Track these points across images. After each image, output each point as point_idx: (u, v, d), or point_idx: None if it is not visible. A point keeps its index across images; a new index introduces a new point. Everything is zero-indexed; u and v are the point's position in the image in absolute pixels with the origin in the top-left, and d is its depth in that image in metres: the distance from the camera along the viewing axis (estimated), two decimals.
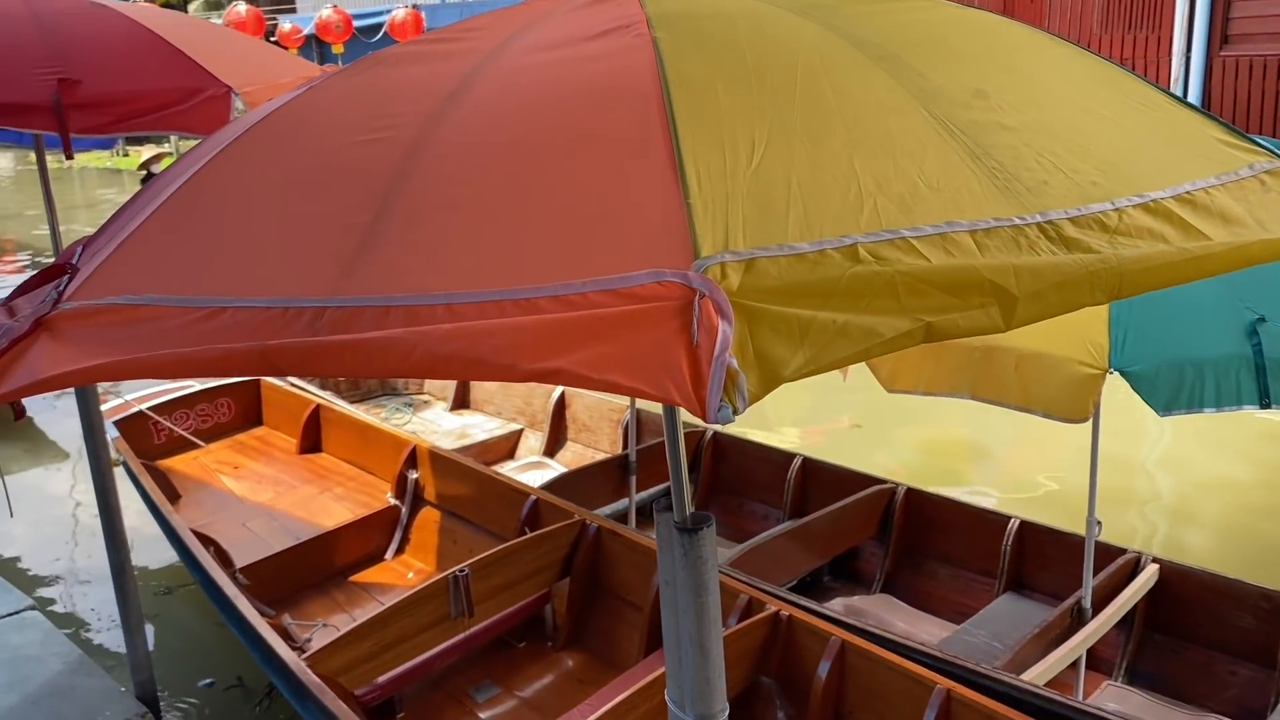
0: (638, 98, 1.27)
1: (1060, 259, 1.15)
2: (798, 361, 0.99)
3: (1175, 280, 1.23)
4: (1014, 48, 1.61)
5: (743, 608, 3.55)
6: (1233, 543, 5.46)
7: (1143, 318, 2.87)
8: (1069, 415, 2.87)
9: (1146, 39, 11.13)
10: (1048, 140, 1.33)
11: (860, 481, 4.76)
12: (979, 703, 2.92)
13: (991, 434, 6.85)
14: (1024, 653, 3.45)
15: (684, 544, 1.86)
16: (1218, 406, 2.84)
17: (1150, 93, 1.58)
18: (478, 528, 4.71)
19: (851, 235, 1.11)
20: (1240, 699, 3.75)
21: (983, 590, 4.37)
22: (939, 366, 3.22)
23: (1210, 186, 1.33)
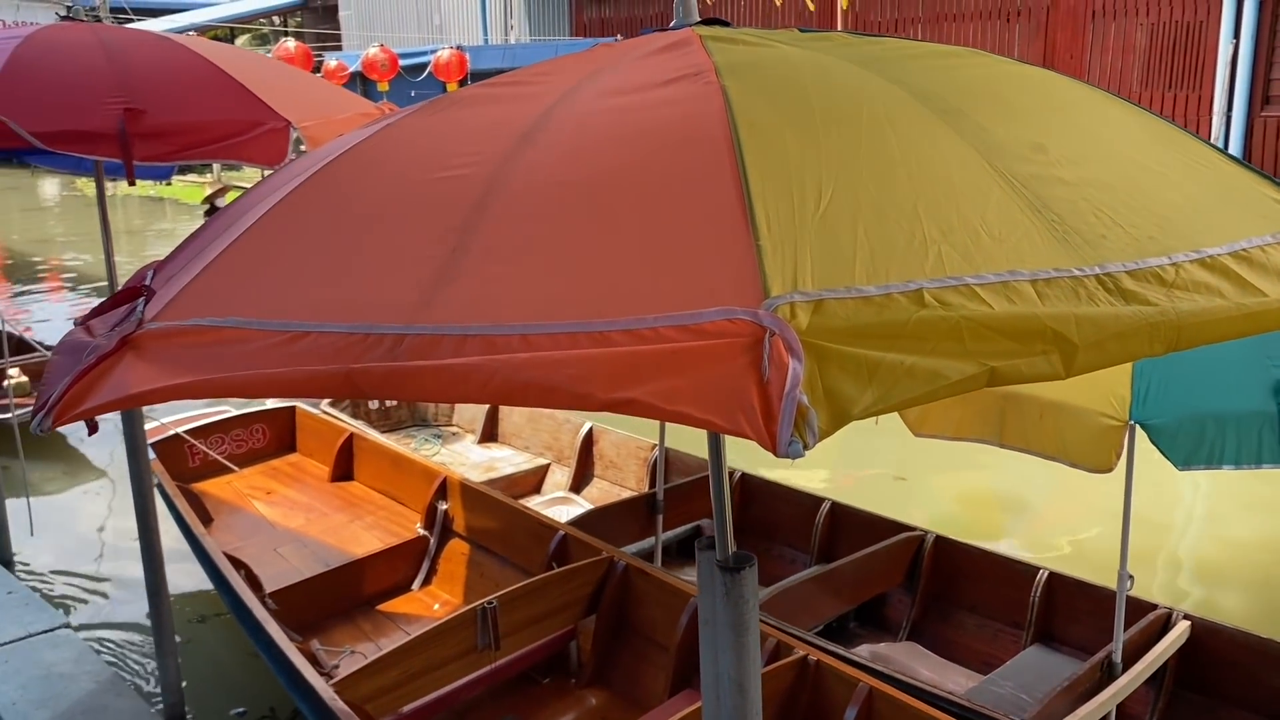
0: (708, 142, 1.32)
1: (1120, 310, 1.18)
2: (866, 400, 1.02)
3: (1231, 335, 1.25)
4: (1071, 104, 1.65)
5: (771, 651, 3.54)
6: (1267, 602, 5.39)
7: (1167, 371, 2.89)
8: (1093, 465, 2.89)
9: (1187, 97, 11.18)
10: (1105, 195, 1.37)
11: (889, 528, 4.75)
12: None
13: (1028, 485, 6.81)
14: (1052, 706, 3.42)
15: (726, 583, 1.88)
16: (1237, 464, 2.84)
17: (1205, 150, 1.62)
18: (505, 561, 4.72)
19: (917, 280, 1.14)
20: None
21: (1010, 641, 4.34)
22: (967, 412, 3.25)
23: (1266, 245, 1.36)
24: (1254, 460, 2.85)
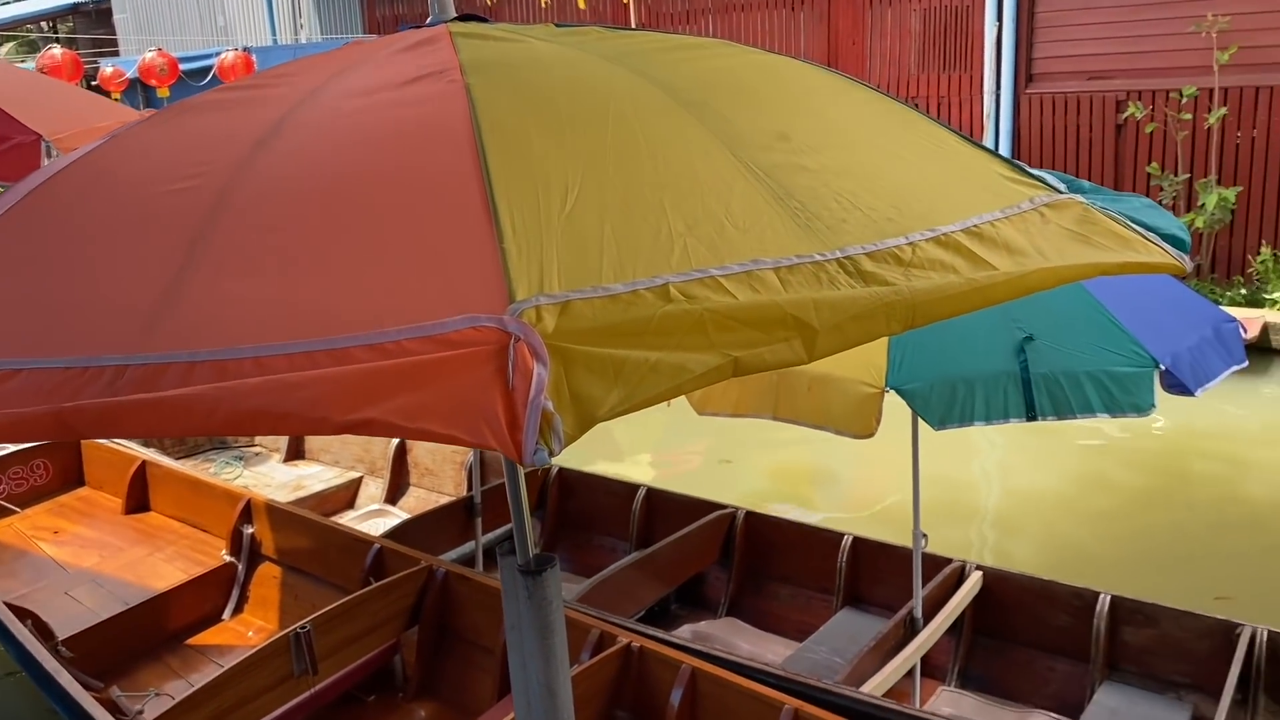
0: (450, 144, 1.28)
1: (858, 292, 1.22)
2: (612, 400, 1.01)
3: (965, 309, 1.32)
4: (813, 92, 1.70)
5: (594, 643, 3.55)
6: (1051, 547, 5.81)
7: (919, 338, 3.04)
8: (856, 431, 3.03)
9: (960, 78, 11.87)
10: (846, 180, 1.41)
11: (702, 508, 4.85)
12: (824, 719, 3.01)
13: (837, 457, 7.11)
14: (863, 665, 3.57)
15: (528, 586, 1.86)
16: (987, 420, 3.04)
17: (940, 132, 1.69)
18: (320, 581, 4.55)
19: (663, 275, 1.14)
20: (1060, 693, 3.99)
21: (822, 607, 4.51)
22: (744, 390, 3.35)
23: (996, 220, 1.44)
24: (1001, 415, 3.05)
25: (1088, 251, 1.43)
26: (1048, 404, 3.06)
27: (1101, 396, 3.04)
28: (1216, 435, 7.43)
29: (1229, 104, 9.93)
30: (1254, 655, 3.64)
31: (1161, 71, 10.38)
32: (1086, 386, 3.04)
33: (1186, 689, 3.83)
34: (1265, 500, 6.30)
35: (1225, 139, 10.06)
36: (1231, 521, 6.05)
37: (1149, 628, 3.90)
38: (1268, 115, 9.85)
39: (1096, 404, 3.04)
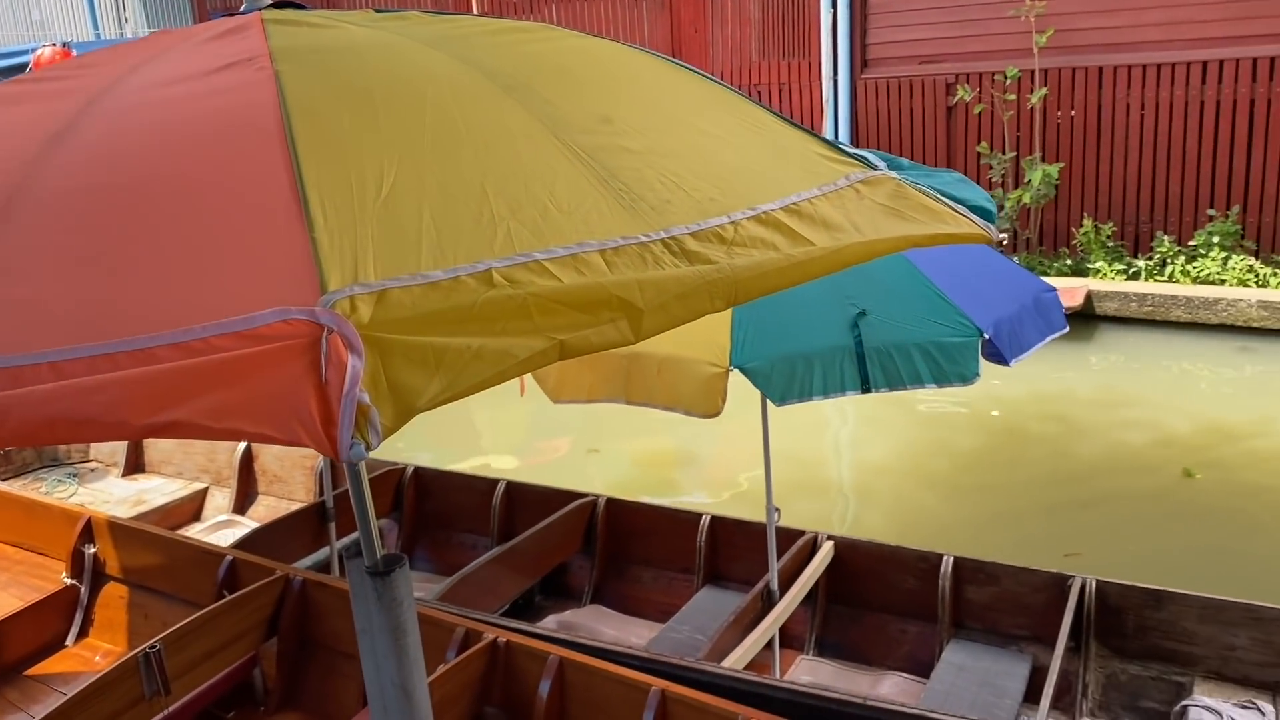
0: (258, 133, 1.23)
1: (682, 271, 1.24)
2: (433, 390, 1.00)
3: (786, 284, 1.35)
4: (635, 75, 1.72)
5: (460, 640, 3.51)
6: (898, 514, 6.06)
7: (760, 318, 3.14)
8: (704, 411, 3.09)
9: (799, 64, 12.18)
10: (670, 161, 1.43)
11: (563, 498, 4.85)
12: (690, 697, 3.06)
13: (698, 440, 7.22)
14: (723, 641, 3.64)
15: (377, 588, 1.83)
16: (825, 394, 3.15)
17: (761, 114, 1.73)
18: (171, 598, 4.35)
19: (486, 260, 1.13)
20: (912, 654, 4.17)
21: (684, 587, 4.58)
22: (596, 375, 3.37)
23: (814, 197, 1.48)
24: (838, 389, 3.17)
25: (900, 225, 1.49)
26: (880, 377, 3.19)
27: (930, 368, 3.17)
28: (1050, 399, 7.88)
29: (1049, 84, 10.51)
30: (1084, 604, 3.88)
31: (986, 54, 10.91)
32: (916, 358, 3.17)
33: (1026, 640, 4.05)
34: (1096, 459, 6.73)
35: (1047, 118, 10.65)
36: (1065, 479, 6.43)
37: (990, 585, 4.11)
38: (1084, 94, 10.48)
39: (925, 375, 3.18)
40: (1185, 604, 3.80)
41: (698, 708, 3.03)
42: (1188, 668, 3.80)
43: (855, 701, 3.24)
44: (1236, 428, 7.04)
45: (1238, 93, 9.78)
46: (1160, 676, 3.83)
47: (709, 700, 3.03)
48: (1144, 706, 3.78)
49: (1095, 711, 3.82)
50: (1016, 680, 3.87)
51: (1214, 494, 6.04)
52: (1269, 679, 3.68)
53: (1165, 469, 6.41)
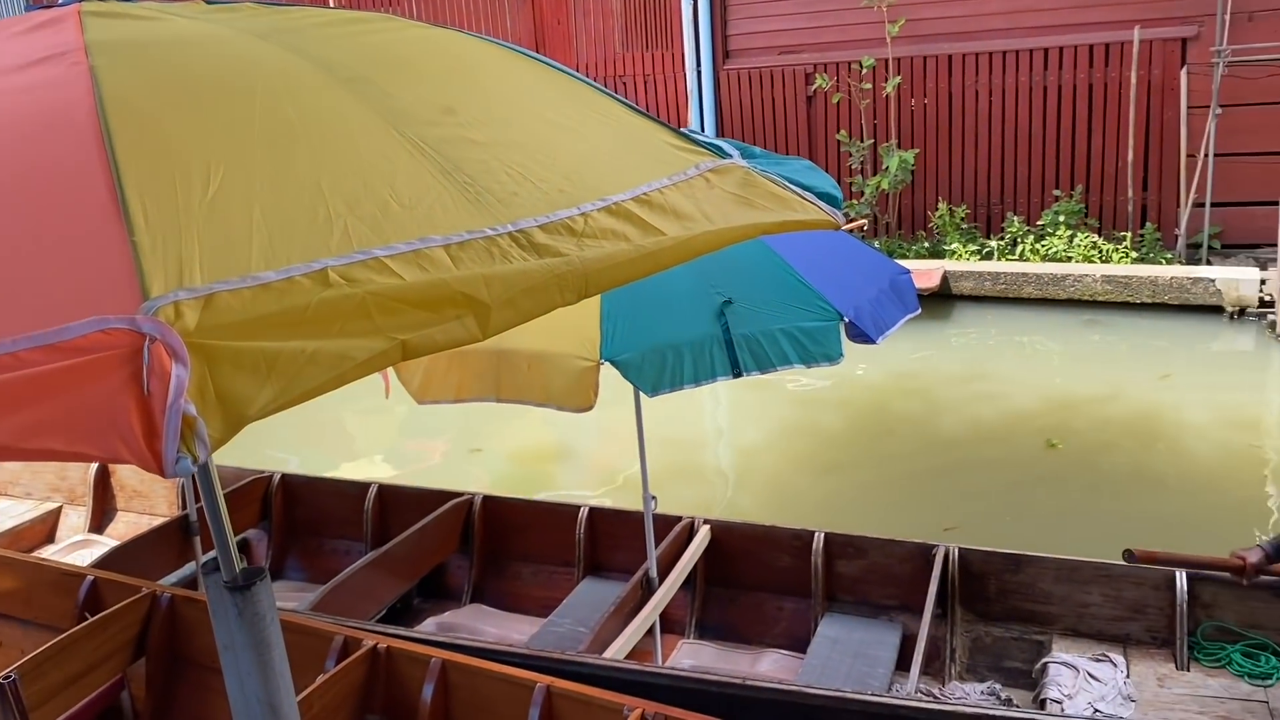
0: (72, 131, 1.16)
1: (530, 265, 1.22)
2: (265, 397, 0.96)
3: (637, 275, 1.35)
4: (479, 65, 1.68)
5: (339, 649, 3.42)
6: (772, 495, 6.18)
7: (629, 310, 3.16)
8: (577, 405, 3.09)
9: (664, 55, 12.25)
10: (516, 153, 1.41)
11: (438, 498, 4.77)
12: (574, 691, 3.04)
13: (579, 433, 7.21)
14: (605, 631, 3.65)
15: (238, 604, 1.77)
16: (696, 382, 3.21)
17: (610, 104, 1.73)
18: (28, 624, 4.10)
19: (322, 259, 1.09)
20: (789, 630, 4.26)
21: (565, 580, 4.58)
22: (465, 374, 3.33)
23: (664, 187, 1.48)
24: (709, 376, 3.23)
25: (749, 213, 1.51)
26: (750, 361, 3.25)
27: (796, 350, 3.25)
28: (912, 375, 8.17)
29: (903, 73, 10.86)
30: (948, 572, 4.03)
31: (843, 44, 11.20)
32: (783, 342, 3.25)
33: (897, 610, 4.19)
34: (960, 432, 7.00)
35: (902, 105, 11.00)
36: (932, 453, 6.67)
37: (859, 558, 4.23)
38: (935, 82, 10.86)
39: (793, 356, 3.26)
40: (1042, 566, 3.99)
41: (582, 701, 3.02)
42: (1046, 626, 3.99)
43: (735, 682, 3.29)
44: (1088, 397, 7.43)
45: (1077, 78, 10.29)
46: (1022, 637, 4.02)
47: (593, 693, 3.03)
48: (1008, 666, 3.96)
49: (963, 674, 3.98)
50: (888, 649, 4.00)
51: (1074, 461, 6.36)
52: (1120, 632, 3.90)
53: (1028, 439, 6.72)
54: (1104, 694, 3.60)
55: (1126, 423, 6.86)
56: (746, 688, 3.27)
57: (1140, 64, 9.87)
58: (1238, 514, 5.43)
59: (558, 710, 3.05)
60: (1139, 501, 5.74)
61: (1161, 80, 9.94)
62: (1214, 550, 3.72)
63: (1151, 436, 6.64)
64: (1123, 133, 10.13)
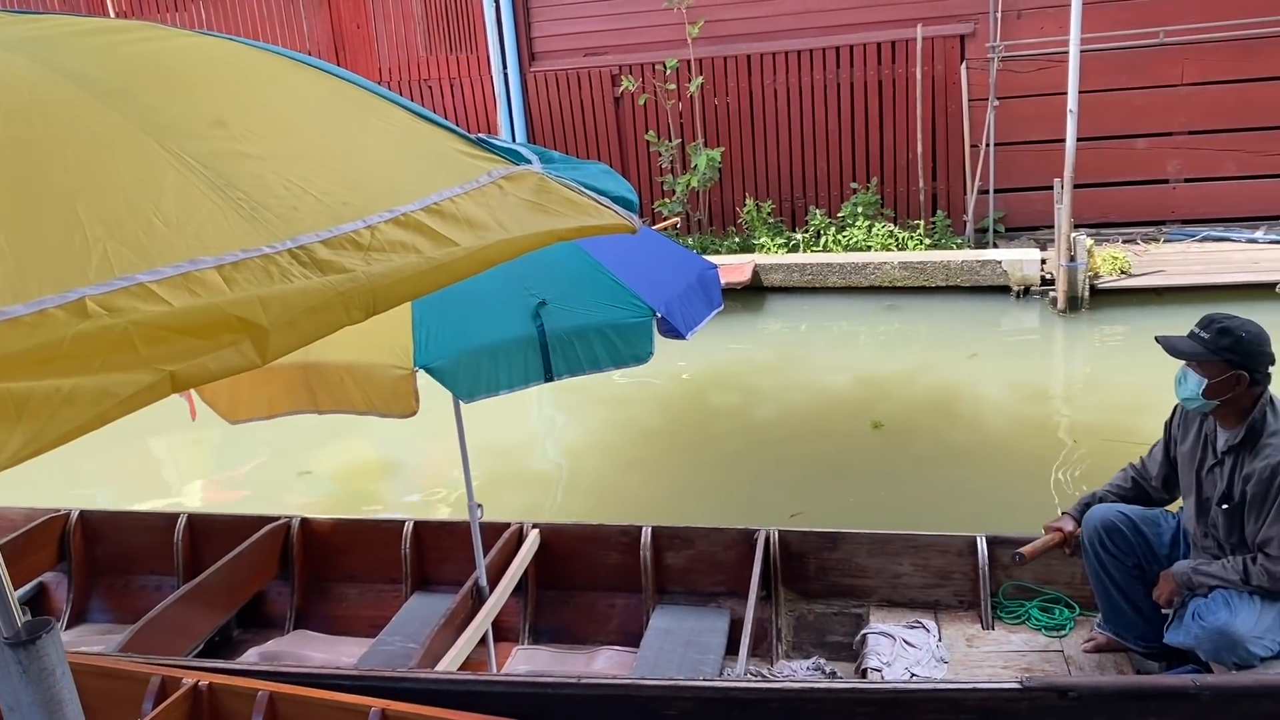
0: None
1: (311, 283, 1.18)
2: (15, 444, 0.88)
3: (430, 287, 1.32)
4: (254, 74, 1.61)
5: (156, 691, 3.21)
6: (602, 493, 6.22)
7: (441, 316, 3.12)
8: (399, 413, 3.03)
9: (469, 59, 12.10)
10: (296, 165, 1.35)
11: (253, 524, 4.57)
12: (410, 712, 2.96)
13: (401, 446, 7.04)
14: (436, 645, 3.58)
15: (21, 660, 1.64)
16: (511, 387, 3.20)
17: (396, 112, 1.68)
18: None
19: (79, 288, 1.02)
20: (622, 626, 4.30)
21: (394, 598, 4.47)
22: (276, 389, 3.20)
23: (456, 195, 1.46)
24: (523, 381, 3.22)
25: (544, 219, 1.51)
26: (563, 364, 3.26)
27: (609, 351, 3.28)
28: (729, 369, 8.39)
29: (705, 73, 11.13)
30: (770, 555, 4.17)
31: (647, 46, 11.38)
32: (595, 343, 3.26)
33: (724, 596, 4.29)
34: (781, 419, 7.23)
35: (706, 105, 11.27)
36: (747, 440, 6.87)
37: (687, 549, 4.31)
38: (737, 82, 11.19)
39: (604, 359, 3.29)
40: (856, 542, 4.18)
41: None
42: (864, 599, 4.18)
43: (570, 682, 3.29)
44: (902, 377, 7.83)
45: (867, 75, 10.82)
46: (842, 611, 4.19)
47: (428, 712, 2.96)
48: (831, 641, 4.12)
49: (790, 652, 4.12)
50: (718, 635, 4.09)
51: (899, 438, 6.66)
52: (930, 599, 4.13)
53: (852, 422, 7.01)
54: (919, 658, 3.80)
55: (939, 400, 7.28)
56: (581, 686, 3.28)
57: (924, 60, 10.47)
58: (1040, 478, 5.84)
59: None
60: (956, 472, 6.08)
61: (944, 75, 10.58)
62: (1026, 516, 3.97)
63: (962, 411, 7.07)
64: (911, 126, 10.72)
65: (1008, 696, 3.08)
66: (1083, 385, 7.83)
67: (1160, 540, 3.61)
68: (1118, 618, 3.66)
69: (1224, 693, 3.04)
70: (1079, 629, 3.90)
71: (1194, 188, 10.34)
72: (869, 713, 3.17)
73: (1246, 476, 3.20)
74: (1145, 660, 3.63)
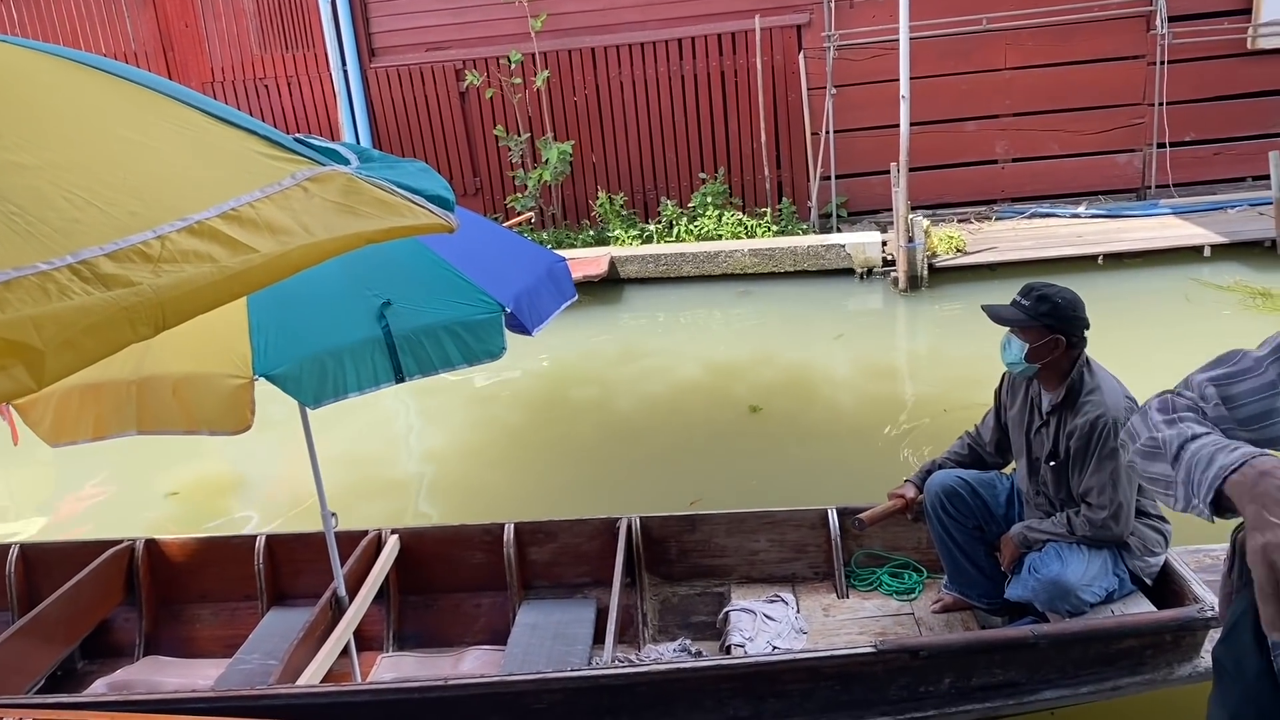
0: None
1: (92, 300, 1.13)
2: None
3: (227, 298, 1.29)
4: (29, 78, 1.53)
5: None
6: (466, 496, 6.17)
7: (281, 321, 3.02)
8: (231, 428, 2.90)
9: (304, 56, 11.74)
10: (78, 175, 1.30)
11: (93, 550, 4.35)
12: None
13: (249, 460, 6.81)
14: (296, 658, 3.50)
15: None
16: (360, 390, 3.13)
17: (190, 114, 1.63)
18: None
19: None
20: (490, 625, 4.28)
21: (249, 615, 4.33)
22: (100, 409, 3.04)
23: (256, 200, 1.42)
24: (372, 383, 3.15)
25: (353, 221, 1.49)
26: (413, 364, 3.21)
27: (460, 348, 3.24)
28: (590, 362, 8.43)
29: (550, 67, 11.12)
30: (633, 541, 4.22)
31: (490, 40, 11.28)
32: (445, 341, 3.22)
33: (590, 586, 4.32)
34: (632, 409, 7.31)
35: (554, 98, 11.26)
36: (609, 432, 6.93)
37: (550, 542, 4.32)
38: (583, 75, 11.21)
39: (455, 357, 3.25)
40: (714, 523, 4.27)
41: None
42: (724, 578, 4.28)
43: (437, 685, 3.26)
44: (752, 361, 8.01)
45: (710, 66, 11.01)
46: (704, 591, 4.28)
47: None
48: (695, 621, 4.20)
49: (656, 636, 4.18)
50: (585, 625, 4.12)
51: (762, 421, 6.80)
52: (787, 572, 4.25)
53: (712, 408, 7.12)
54: (780, 631, 3.92)
55: (793, 382, 7.48)
56: (449, 688, 3.25)
57: (763, 50, 10.72)
58: (889, 450, 6.07)
59: None
60: (815, 450, 6.27)
61: (784, 64, 10.86)
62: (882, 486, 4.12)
63: (817, 392, 7.28)
64: (754, 115, 10.97)
65: (863, 661, 3.21)
66: (926, 360, 8.18)
67: (997, 501, 3.82)
68: (962, 578, 3.86)
69: (1059, 640, 3.26)
70: (927, 591, 4.09)
71: (1021, 167, 10.91)
72: (734, 688, 3.25)
73: (1069, 433, 3.42)
74: (989, 615, 3.84)
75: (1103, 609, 3.46)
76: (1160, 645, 3.29)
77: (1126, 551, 3.47)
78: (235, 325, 3.01)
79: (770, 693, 3.26)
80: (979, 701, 3.33)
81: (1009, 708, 3.35)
